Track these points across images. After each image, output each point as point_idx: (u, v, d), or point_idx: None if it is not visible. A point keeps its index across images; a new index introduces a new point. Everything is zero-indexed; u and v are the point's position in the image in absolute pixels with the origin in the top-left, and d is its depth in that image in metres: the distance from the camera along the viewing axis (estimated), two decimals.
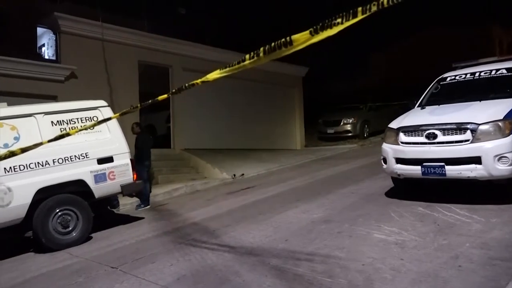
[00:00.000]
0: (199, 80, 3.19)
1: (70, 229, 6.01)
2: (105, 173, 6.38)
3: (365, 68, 24.38)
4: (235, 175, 11.23)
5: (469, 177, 4.92)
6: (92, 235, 6.33)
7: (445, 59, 9.23)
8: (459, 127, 5.03)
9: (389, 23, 19.05)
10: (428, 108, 6.08)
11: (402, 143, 5.52)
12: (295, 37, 2.53)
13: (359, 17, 2.28)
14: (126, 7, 12.53)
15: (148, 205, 8.57)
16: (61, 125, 6.21)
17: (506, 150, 4.73)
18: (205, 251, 4.65)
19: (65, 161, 6.07)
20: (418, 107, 6.35)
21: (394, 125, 5.82)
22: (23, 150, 4.03)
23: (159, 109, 13.66)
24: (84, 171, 6.20)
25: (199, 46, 13.96)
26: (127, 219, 7.49)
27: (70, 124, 6.28)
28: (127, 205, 8.70)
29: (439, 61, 11.47)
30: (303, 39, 2.51)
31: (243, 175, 11.29)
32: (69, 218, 6.02)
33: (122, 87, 11.61)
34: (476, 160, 4.85)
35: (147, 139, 8.95)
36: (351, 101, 17.79)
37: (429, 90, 6.67)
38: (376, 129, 16.18)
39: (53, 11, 10.75)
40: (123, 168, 6.58)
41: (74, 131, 4.72)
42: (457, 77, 6.43)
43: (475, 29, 20.00)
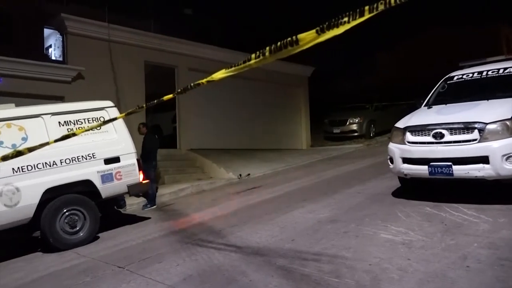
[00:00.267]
0: (205, 79, 3.18)
1: (77, 229, 6.05)
2: (112, 173, 6.41)
3: (371, 67, 24.29)
4: (241, 175, 11.23)
5: (476, 176, 4.88)
6: (99, 235, 6.37)
7: (452, 58, 9.18)
8: (467, 127, 5.00)
9: (396, 22, 18.98)
10: (435, 107, 6.04)
11: (409, 142, 5.49)
12: (301, 36, 2.52)
13: (366, 16, 2.26)
14: (132, 8, 12.59)
15: (154, 205, 8.60)
16: (68, 125, 6.25)
17: None
18: (212, 251, 4.66)
19: (73, 162, 6.11)
20: (425, 106, 6.31)
21: (400, 124, 5.79)
22: (30, 149, 4.06)
23: (165, 109, 13.71)
24: (91, 171, 6.24)
25: (205, 46, 13.99)
26: (133, 219, 7.53)
27: (77, 124, 6.32)
28: (134, 205, 8.73)
29: (446, 60, 11.40)
30: (310, 38, 2.49)
31: (249, 175, 11.29)
32: (77, 218, 6.07)
33: (128, 88, 11.67)
34: (483, 159, 4.81)
35: (154, 139, 8.98)
36: (357, 101, 17.73)
37: (436, 89, 6.63)
38: (382, 128, 16.10)
39: (60, 12, 10.83)
40: (129, 168, 6.61)
41: (80, 130, 4.75)
42: (464, 76, 6.38)
43: (483, 28, 19.87)
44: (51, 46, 12.21)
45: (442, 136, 5.14)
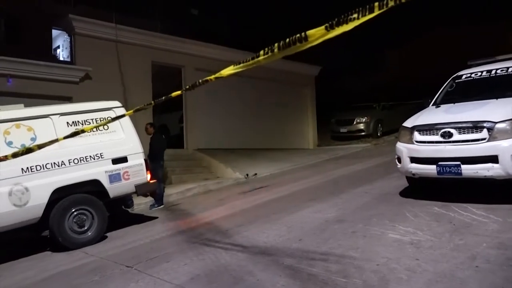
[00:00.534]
0: (213, 76, 3.18)
1: (85, 228, 6.10)
2: (119, 173, 6.45)
3: (379, 66, 24.17)
4: (248, 175, 11.24)
5: (485, 176, 4.84)
6: (107, 234, 6.41)
7: (460, 57, 9.10)
8: (476, 126, 4.96)
9: (403, 21, 18.87)
10: (443, 106, 5.99)
11: (416, 142, 5.46)
12: (310, 32, 2.50)
13: (376, 12, 2.24)
14: (139, 9, 12.64)
15: (162, 204, 8.63)
16: (76, 125, 6.30)
17: None
18: (219, 251, 4.67)
19: (81, 161, 6.16)
20: (433, 105, 6.27)
21: (408, 124, 5.75)
22: (40, 146, 4.11)
23: (172, 109, 13.76)
24: (99, 171, 6.28)
25: (212, 46, 14.01)
26: (141, 219, 7.56)
27: (85, 125, 6.36)
28: (141, 204, 8.77)
29: (454, 59, 11.31)
30: (319, 35, 2.48)
31: (256, 174, 11.29)
32: (85, 217, 6.11)
33: (135, 88, 11.72)
34: (493, 159, 4.76)
35: (161, 139, 9.02)
36: (364, 100, 17.66)
37: (444, 88, 6.58)
38: (389, 128, 16.02)
39: (67, 13, 10.90)
40: (137, 168, 6.64)
41: (88, 127, 4.78)
42: (473, 75, 6.32)
43: (492, 26, 19.68)
44: (59, 47, 12.29)
45: (450, 135, 5.10)
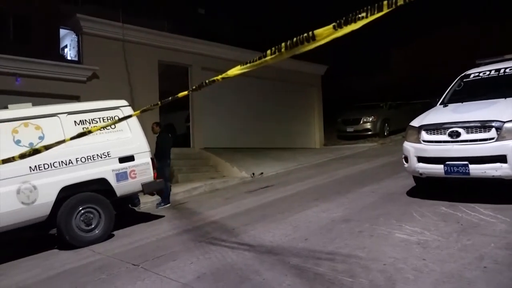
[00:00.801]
0: (220, 76, 3.17)
1: (92, 226, 6.13)
2: (126, 172, 6.48)
3: (386, 65, 24.06)
4: (254, 174, 11.24)
5: (494, 176, 4.80)
6: (114, 232, 6.44)
7: (468, 56, 9.03)
8: (484, 125, 4.92)
9: (411, 19, 18.76)
10: (451, 105, 5.95)
11: (424, 141, 5.43)
12: (318, 31, 2.48)
13: (385, 11, 2.21)
14: (146, 8, 12.69)
15: (168, 203, 8.66)
16: (83, 124, 6.33)
17: None
18: (225, 250, 4.67)
19: (88, 160, 6.19)
20: (440, 104, 6.23)
21: (415, 123, 5.72)
22: (47, 147, 4.13)
23: (179, 108, 13.80)
24: (106, 170, 6.31)
25: (218, 45, 14.03)
26: (147, 217, 7.59)
27: (92, 123, 6.40)
28: (148, 203, 8.81)
29: (461, 58, 11.23)
30: (326, 34, 2.45)
31: (262, 173, 11.29)
32: (92, 216, 6.14)
33: (142, 87, 11.77)
34: (501, 158, 4.72)
35: (167, 138, 9.05)
36: (371, 99, 17.59)
37: (451, 87, 6.54)
38: (396, 127, 15.96)
39: (75, 13, 10.97)
40: (144, 167, 6.67)
41: (95, 128, 4.80)
42: (481, 74, 6.27)
43: (500, 25, 19.50)
44: (66, 46, 12.41)
45: (458, 134, 5.07)
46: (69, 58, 12.05)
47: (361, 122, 16.51)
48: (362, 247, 4.08)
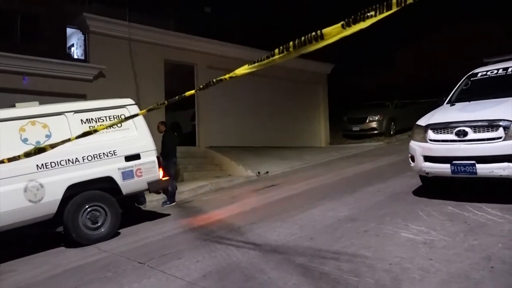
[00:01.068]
0: (227, 75, 3.15)
1: (99, 224, 6.17)
2: (132, 170, 6.50)
3: (392, 64, 23.92)
4: (259, 173, 11.24)
5: (501, 175, 4.76)
6: (120, 230, 6.48)
7: (475, 55, 8.96)
8: (491, 124, 4.88)
9: (418, 18, 18.63)
10: (458, 104, 5.91)
11: (430, 140, 5.39)
12: (326, 30, 2.46)
13: (394, 9, 2.18)
14: (152, 7, 12.72)
15: (174, 202, 8.69)
16: (90, 123, 6.37)
17: None
18: (230, 248, 4.68)
19: (94, 159, 6.22)
20: (447, 103, 6.19)
21: (422, 122, 5.69)
22: (52, 146, 4.15)
23: (184, 107, 13.83)
24: (112, 168, 6.34)
25: (224, 44, 14.04)
26: (153, 216, 7.62)
27: (98, 122, 6.43)
28: (154, 201, 8.84)
29: (469, 57, 11.14)
30: (335, 33, 2.43)
31: (267, 172, 11.29)
32: (98, 214, 6.18)
33: (148, 85, 11.80)
34: (509, 158, 4.68)
35: (173, 137, 9.09)
36: (377, 98, 17.51)
37: (459, 86, 6.49)
38: (402, 126, 15.88)
39: (82, 12, 11.02)
40: (149, 165, 6.69)
41: (101, 127, 4.82)
42: (489, 73, 6.22)
43: (507, 24, 19.30)
44: (73, 45, 12.44)
45: (465, 134, 5.03)
46: (75, 57, 12.08)
47: (367, 121, 16.44)
48: (367, 246, 4.06)
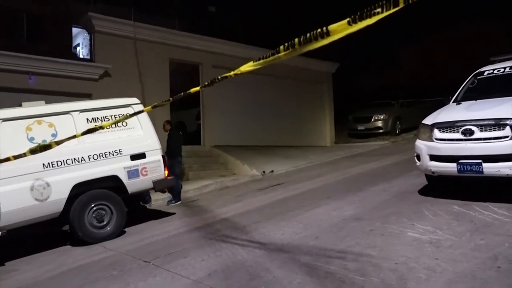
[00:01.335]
0: (232, 72, 3.14)
1: (104, 223, 6.20)
2: (137, 169, 6.53)
3: (398, 63, 23.80)
4: (264, 172, 11.24)
5: (508, 175, 4.73)
6: (125, 229, 6.50)
7: (482, 53, 8.90)
8: (498, 123, 4.85)
9: (423, 16, 18.53)
10: (464, 103, 5.88)
11: (436, 139, 5.37)
12: (332, 27, 2.44)
13: (401, 5, 2.16)
14: (157, 6, 12.75)
15: (179, 201, 8.71)
16: (95, 122, 6.39)
17: None
18: (236, 247, 4.68)
19: (100, 157, 6.25)
20: (453, 102, 6.16)
21: (428, 121, 5.66)
22: (58, 142, 4.17)
23: (189, 106, 13.85)
24: (118, 167, 6.36)
25: (229, 43, 14.03)
26: (158, 214, 7.64)
27: (104, 121, 6.44)
28: (159, 200, 8.86)
29: (475, 55, 11.07)
30: (341, 29, 2.41)
31: (272, 171, 11.29)
32: (104, 212, 6.21)
33: (153, 85, 11.83)
34: None
35: (178, 136, 9.10)
36: (382, 97, 17.44)
37: (465, 85, 6.46)
38: (408, 125, 15.83)
39: (87, 11, 11.06)
40: (155, 164, 6.71)
41: (107, 123, 4.84)
42: (495, 71, 6.18)
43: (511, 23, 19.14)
44: (79, 44, 12.49)
45: (471, 133, 5.00)
46: (81, 56, 12.13)
47: (372, 120, 16.39)
48: (373, 245, 4.05)
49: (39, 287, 4.60)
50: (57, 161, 5.87)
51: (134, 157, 6.53)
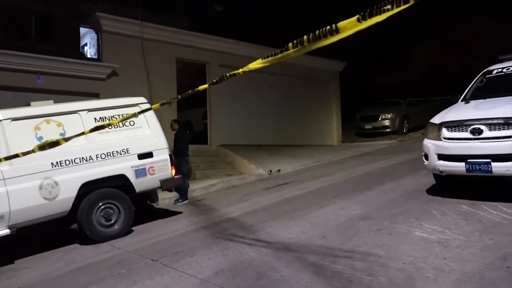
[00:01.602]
0: (241, 69, 3.13)
1: (112, 222, 6.23)
2: (145, 168, 6.56)
3: (405, 62, 23.66)
4: (271, 171, 11.23)
5: None
6: (132, 228, 6.53)
7: (491, 52, 8.82)
8: (507, 122, 4.80)
9: (432, 15, 18.39)
10: (472, 102, 5.84)
11: (445, 138, 5.33)
12: (342, 24, 2.42)
13: (411, 2, 2.14)
14: (164, 6, 12.78)
15: (186, 199, 8.73)
16: (103, 121, 6.41)
17: None
18: (243, 246, 4.69)
19: (108, 157, 6.28)
20: (462, 101, 6.11)
21: (436, 120, 5.63)
22: (66, 139, 4.20)
23: (196, 105, 13.87)
24: (125, 166, 6.40)
25: (236, 42, 14.03)
26: (166, 213, 7.67)
27: (112, 120, 6.48)
28: (166, 199, 8.89)
29: (483, 54, 10.98)
30: (350, 26, 2.39)
31: (279, 171, 11.28)
32: (112, 211, 6.25)
33: (160, 84, 11.86)
34: None
35: (185, 135, 9.13)
36: (390, 96, 17.36)
37: (473, 83, 6.40)
38: (415, 124, 15.74)
39: (95, 11, 11.13)
40: (162, 163, 6.74)
41: (116, 121, 4.85)
42: (504, 70, 6.13)
43: None
44: (86, 44, 12.57)
45: (480, 132, 4.96)
46: (89, 56, 12.22)
47: (380, 119, 16.31)
48: (380, 245, 4.04)
49: (50, 284, 4.64)
50: (65, 160, 5.92)
51: (141, 156, 6.56)
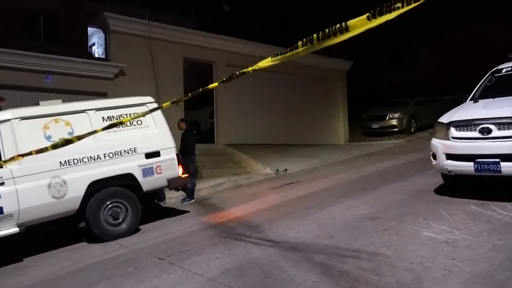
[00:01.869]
0: (250, 68, 3.12)
1: (120, 220, 6.27)
2: (152, 167, 6.58)
3: (413, 61, 23.51)
4: (278, 170, 11.23)
5: None
6: (140, 227, 6.56)
7: (499, 51, 8.74)
8: None
9: (440, 14, 18.26)
10: (481, 101, 5.78)
11: (453, 138, 5.29)
12: (351, 22, 2.41)
13: (421, 0, 2.13)
14: (171, 5, 12.82)
15: (193, 199, 8.76)
16: (111, 120, 6.45)
17: None
18: (250, 245, 4.69)
19: (115, 156, 6.32)
20: (470, 100, 6.06)
21: (444, 119, 5.59)
22: (79, 137, 4.24)
23: (203, 105, 13.90)
24: (133, 165, 6.43)
25: (243, 42, 14.03)
26: (173, 212, 7.69)
27: (119, 119, 6.51)
28: (173, 198, 8.92)
29: (493, 53, 10.88)
30: (360, 24, 2.38)
31: (286, 170, 11.27)
32: (119, 210, 6.28)
33: (167, 83, 11.91)
34: None
35: (192, 134, 9.15)
36: (398, 95, 17.25)
37: (482, 82, 6.34)
38: (423, 124, 15.63)
39: (102, 11, 11.19)
40: (169, 162, 6.76)
41: (127, 119, 4.88)
42: None
43: None
44: (94, 44, 12.64)
45: (489, 131, 4.92)
46: (97, 55, 12.29)
47: (387, 118, 16.22)
48: (388, 245, 4.02)
49: (58, 282, 4.67)
50: (73, 159, 5.96)
51: (148, 155, 6.59)
